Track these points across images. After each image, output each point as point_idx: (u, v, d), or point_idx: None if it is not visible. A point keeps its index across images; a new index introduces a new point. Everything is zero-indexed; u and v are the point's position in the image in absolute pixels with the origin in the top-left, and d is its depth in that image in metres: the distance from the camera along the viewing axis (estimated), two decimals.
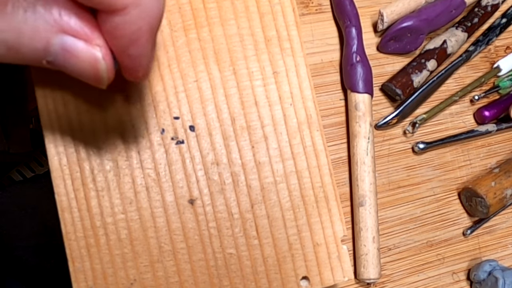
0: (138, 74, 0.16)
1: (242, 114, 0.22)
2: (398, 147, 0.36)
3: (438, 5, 0.35)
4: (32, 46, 0.14)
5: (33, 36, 0.14)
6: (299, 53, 0.23)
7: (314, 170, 0.23)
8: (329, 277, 0.22)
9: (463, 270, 0.36)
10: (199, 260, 0.21)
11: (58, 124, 0.20)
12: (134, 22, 0.14)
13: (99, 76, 0.15)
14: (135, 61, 0.15)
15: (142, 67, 0.16)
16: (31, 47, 0.14)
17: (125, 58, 0.15)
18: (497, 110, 0.38)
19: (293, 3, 0.23)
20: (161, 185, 0.21)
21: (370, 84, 0.34)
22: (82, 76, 0.15)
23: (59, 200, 0.20)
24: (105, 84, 0.16)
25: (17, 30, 0.14)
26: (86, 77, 0.15)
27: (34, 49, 0.15)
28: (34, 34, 0.14)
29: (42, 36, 0.14)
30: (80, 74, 0.15)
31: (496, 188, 0.35)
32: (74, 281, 0.19)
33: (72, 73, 0.15)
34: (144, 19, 0.14)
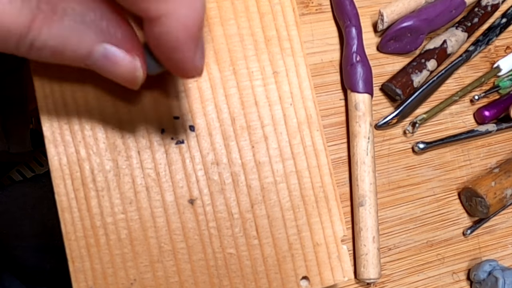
0: (188, 75, 0.17)
1: (242, 114, 0.22)
2: (398, 147, 0.36)
3: (438, 5, 0.35)
4: (75, 52, 0.15)
5: (78, 44, 0.15)
6: (299, 53, 0.23)
7: (314, 170, 0.23)
8: (329, 277, 0.22)
9: (463, 270, 0.36)
10: (199, 260, 0.21)
11: (58, 124, 0.20)
12: (171, 31, 0.15)
13: (135, 82, 0.17)
14: (181, 65, 0.16)
15: (189, 69, 0.16)
16: (74, 53, 0.15)
17: (172, 64, 0.16)
18: (497, 110, 0.38)
19: (293, 3, 0.23)
20: (161, 185, 0.21)
21: (370, 84, 0.34)
22: (117, 79, 0.17)
23: (59, 200, 0.20)
24: (138, 87, 0.17)
25: (65, 37, 0.15)
26: (122, 81, 0.17)
27: (77, 54, 0.15)
28: (80, 42, 0.15)
29: (87, 44, 0.15)
30: (116, 78, 0.17)
31: (496, 188, 0.35)
32: (74, 281, 0.19)
33: (107, 76, 0.17)
34: (179, 27, 0.15)
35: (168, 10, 0.14)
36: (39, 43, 0.15)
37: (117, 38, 0.16)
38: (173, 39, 0.15)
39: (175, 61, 0.16)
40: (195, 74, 0.17)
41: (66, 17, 0.15)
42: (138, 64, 0.16)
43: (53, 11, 0.14)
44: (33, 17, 0.14)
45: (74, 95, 0.20)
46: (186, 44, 0.15)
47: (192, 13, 0.15)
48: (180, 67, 0.16)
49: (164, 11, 0.14)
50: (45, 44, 0.15)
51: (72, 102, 0.20)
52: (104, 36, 0.15)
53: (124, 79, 0.17)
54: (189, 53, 0.16)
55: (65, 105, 0.20)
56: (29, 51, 0.15)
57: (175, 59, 0.16)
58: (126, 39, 0.16)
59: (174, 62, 0.16)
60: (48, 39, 0.15)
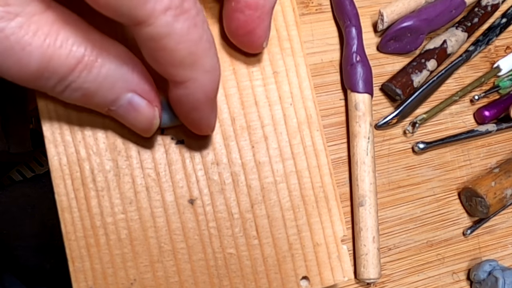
0: (202, 132, 0.20)
1: (242, 114, 0.22)
2: (398, 147, 0.36)
3: (438, 5, 0.35)
4: (105, 97, 0.17)
5: (109, 90, 0.17)
6: (299, 53, 0.23)
7: (314, 170, 0.23)
8: (329, 277, 0.22)
9: (463, 270, 0.36)
10: (199, 260, 0.21)
11: (58, 124, 0.20)
12: (193, 94, 0.17)
13: (151, 130, 0.19)
14: (198, 123, 0.19)
15: (204, 126, 0.19)
16: (104, 96, 0.17)
17: (189, 120, 0.19)
18: (497, 110, 0.38)
19: (293, 3, 0.23)
20: (161, 185, 0.21)
21: (370, 84, 0.34)
22: (133, 126, 0.19)
23: (59, 200, 0.20)
24: (150, 135, 0.19)
25: (99, 83, 0.16)
26: (137, 128, 0.19)
27: (105, 98, 0.17)
28: (111, 88, 0.17)
29: (117, 90, 0.17)
30: (134, 125, 0.18)
31: (496, 188, 0.35)
32: (74, 281, 0.19)
33: (126, 122, 0.18)
34: (201, 92, 0.17)
35: (193, 77, 0.16)
36: (75, 85, 0.16)
37: (142, 89, 0.17)
38: (194, 101, 0.17)
39: (192, 119, 0.18)
40: (209, 131, 0.20)
41: (105, 66, 0.16)
42: (157, 114, 0.18)
43: (96, 59, 0.16)
44: (78, 61, 0.16)
45: None
46: (204, 106, 0.18)
47: (212, 82, 0.17)
48: (196, 124, 0.19)
49: (190, 77, 0.16)
50: (81, 87, 0.16)
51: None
52: (132, 86, 0.17)
53: (141, 126, 0.18)
54: (206, 113, 0.18)
55: (65, 105, 0.20)
56: (63, 91, 0.16)
57: (192, 118, 0.18)
58: (149, 92, 0.18)
59: (191, 120, 0.19)
60: (85, 82, 0.16)
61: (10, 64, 0.15)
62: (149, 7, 0.14)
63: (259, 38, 0.20)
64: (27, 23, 0.15)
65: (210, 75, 0.17)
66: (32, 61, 0.15)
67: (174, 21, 0.15)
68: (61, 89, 0.16)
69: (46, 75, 0.16)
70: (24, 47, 0.15)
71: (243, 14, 0.19)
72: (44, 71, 0.15)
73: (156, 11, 0.15)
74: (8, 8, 0.14)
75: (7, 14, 0.14)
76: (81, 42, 0.16)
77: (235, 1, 0.19)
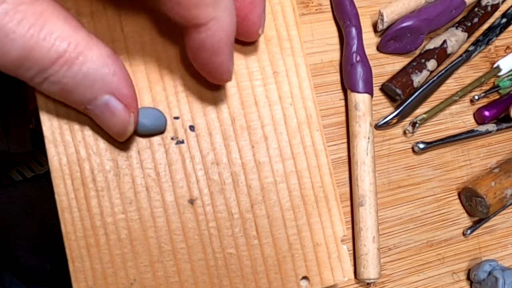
0: (222, 78, 0.19)
1: (242, 114, 0.22)
2: (398, 147, 0.36)
3: (438, 5, 0.35)
4: (82, 95, 0.17)
5: (88, 88, 0.17)
6: (299, 53, 0.23)
7: (314, 170, 0.23)
8: (329, 277, 0.22)
9: (463, 270, 0.36)
10: (199, 260, 0.21)
11: (58, 124, 0.20)
12: (216, 35, 0.17)
13: (124, 135, 0.19)
14: (219, 68, 0.19)
15: (225, 72, 0.19)
16: (81, 94, 0.17)
17: (211, 66, 0.18)
18: (497, 110, 0.38)
19: (293, 3, 0.23)
20: (161, 185, 0.21)
21: (370, 84, 0.34)
22: (108, 128, 0.19)
23: (59, 200, 0.20)
24: (123, 140, 0.19)
25: (78, 81, 0.17)
26: (111, 130, 0.19)
27: (83, 97, 0.17)
28: (90, 87, 0.17)
29: (95, 90, 0.17)
30: (107, 127, 0.18)
31: (496, 188, 0.35)
32: (74, 281, 0.19)
33: (100, 123, 0.18)
34: (223, 31, 0.17)
35: (216, 16, 0.17)
36: (54, 79, 0.16)
37: (120, 93, 0.18)
38: (217, 43, 0.17)
39: (214, 64, 0.18)
40: (228, 77, 0.19)
41: (86, 64, 0.16)
42: (132, 120, 0.18)
43: (78, 56, 0.16)
44: (60, 56, 0.16)
45: None
46: (226, 48, 0.18)
47: (232, 20, 0.17)
48: (218, 70, 0.19)
49: (212, 17, 0.16)
50: (59, 81, 0.16)
51: None
52: (111, 88, 0.17)
53: (115, 129, 0.18)
54: (227, 56, 0.18)
55: (65, 105, 0.20)
56: (41, 82, 0.17)
57: (215, 63, 0.18)
58: (127, 97, 0.18)
59: (213, 66, 0.18)
60: (64, 77, 0.16)
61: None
62: None
63: (253, 25, 0.20)
64: (13, 11, 0.15)
65: (229, 12, 0.17)
66: (13, 49, 0.15)
67: None
68: (40, 81, 0.17)
69: (27, 65, 0.16)
70: (7, 34, 0.15)
71: (236, 1, 0.19)
72: (25, 61, 0.16)
73: None
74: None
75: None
76: (66, 37, 0.16)
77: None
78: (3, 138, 0.51)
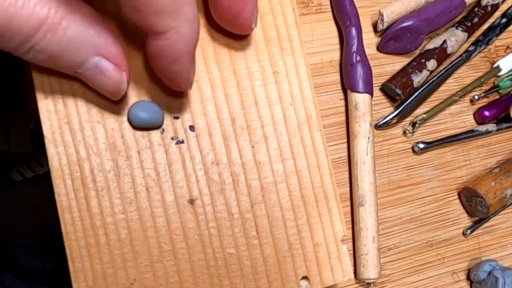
0: (180, 86, 0.19)
1: (242, 114, 0.22)
2: (398, 147, 0.36)
3: (438, 5, 0.35)
4: (71, 59, 0.17)
5: (75, 52, 0.17)
6: (299, 53, 0.23)
7: (314, 170, 0.23)
8: (329, 277, 0.22)
9: (463, 270, 0.36)
10: (199, 260, 0.21)
11: (58, 124, 0.20)
12: (175, 44, 0.17)
13: (118, 93, 0.19)
14: (177, 76, 0.18)
15: (183, 81, 0.19)
16: (69, 61, 0.17)
17: (169, 74, 0.18)
18: (497, 110, 0.38)
19: (293, 3, 0.23)
20: (161, 185, 0.21)
21: (370, 84, 0.34)
22: (101, 89, 0.18)
23: (59, 200, 0.20)
24: (118, 99, 0.19)
25: (64, 46, 0.16)
26: (105, 91, 0.19)
27: (71, 62, 0.17)
28: (77, 51, 0.17)
29: (83, 53, 0.17)
30: (101, 88, 0.18)
31: (496, 188, 0.35)
32: (74, 281, 0.19)
33: (93, 85, 0.18)
34: (182, 42, 0.17)
35: (176, 26, 0.16)
36: (40, 47, 0.16)
37: (109, 54, 0.17)
38: (176, 52, 0.17)
39: (172, 72, 0.18)
40: (187, 86, 0.19)
41: (70, 28, 0.16)
42: (124, 79, 0.18)
43: (60, 21, 0.16)
44: (42, 22, 0.15)
45: (74, 95, 0.20)
46: (185, 57, 0.17)
47: (193, 31, 0.17)
48: (176, 78, 0.18)
49: (172, 27, 0.16)
50: (45, 49, 0.16)
51: (72, 102, 0.20)
52: (99, 49, 0.17)
53: (109, 90, 0.18)
54: (186, 66, 0.18)
55: (65, 105, 0.20)
56: (27, 52, 0.16)
57: (173, 71, 0.18)
58: (117, 56, 0.18)
59: (171, 74, 0.18)
60: (49, 44, 0.16)
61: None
62: None
63: (246, 21, 0.20)
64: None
65: (192, 24, 0.17)
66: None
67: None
68: (25, 50, 0.16)
69: (8, 35, 0.15)
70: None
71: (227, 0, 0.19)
72: (6, 31, 0.15)
73: None
74: None
75: None
76: (45, 3, 0.15)
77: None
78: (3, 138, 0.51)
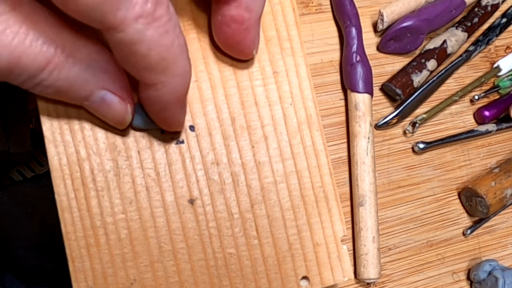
0: (171, 128, 0.20)
1: (242, 114, 0.22)
2: (398, 147, 0.36)
3: (438, 5, 0.35)
4: (77, 93, 0.17)
5: (82, 87, 0.17)
6: (299, 53, 0.23)
7: (314, 170, 0.23)
8: (329, 277, 0.22)
9: (463, 270, 0.36)
10: (199, 260, 0.21)
11: (58, 124, 0.20)
12: (163, 96, 0.17)
13: (123, 124, 0.19)
14: (167, 121, 0.19)
15: (173, 125, 0.20)
16: (76, 94, 0.17)
17: (159, 119, 0.19)
18: (497, 110, 0.38)
19: (293, 3, 0.23)
20: (161, 185, 0.21)
21: (370, 84, 0.34)
22: (106, 119, 0.19)
23: (59, 200, 0.20)
24: (124, 128, 0.20)
25: (71, 81, 0.17)
26: (111, 121, 0.19)
27: (78, 95, 0.17)
28: (83, 86, 0.17)
29: (89, 88, 0.17)
30: (106, 118, 0.19)
31: (496, 188, 0.35)
32: (74, 281, 0.19)
33: (98, 115, 0.19)
34: (170, 94, 0.17)
35: (164, 80, 0.17)
36: (47, 83, 0.16)
37: (114, 87, 0.18)
38: (163, 102, 0.18)
39: (162, 117, 0.19)
40: (178, 128, 0.20)
41: (76, 65, 0.16)
42: (129, 110, 0.19)
43: (67, 58, 0.16)
44: (49, 61, 0.16)
45: None
46: (174, 106, 0.18)
47: (182, 84, 0.17)
48: (166, 122, 0.19)
49: (160, 80, 0.17)
50: (52, 85, 0.16)
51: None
52: (104, 84, 0.18)
53: (114, 120, 0.19)
54: (175, 113, 0.19)
55: (65, 105, 0.20)
56: (35, 87, 0.17)
57: (162, 116, 0.19)
58: (121, 89, 0.18)
59: (161, 118, 0.19)
60: (57, 80, 0.16)
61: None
62: (121, 14, 0.14)
63: (247, 48, 0.21)
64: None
65: (180, 78, 0.17)
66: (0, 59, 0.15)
67: (145, 28, 0.15)
68: (32, 85, 0.16)
69: (16, 73, 0.16)
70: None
71: (229, 28, 0.20)
72: (14, 69, 0.15)
73: (128, 19, 0.15)
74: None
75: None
76: (52, 41, 0.16)
77: (221, 15, 0.19)
78: (3, 138, 0.51)
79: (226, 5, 0.19)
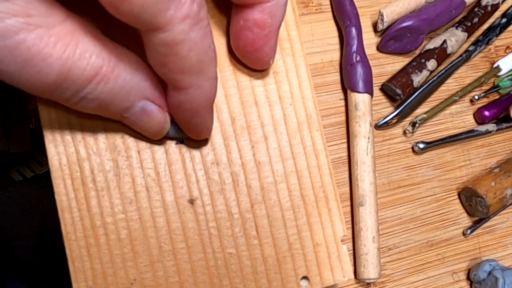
0: (201, 137, 0.20)
1: (242, 114, 0.22)
2: (398, 147, 0.36)
3: (438, 5, 0.35)
4: (119, 105, 0.17)
5: (125, 98, 0.17)
6: (299, 53, 0.23)
7: (314, 170, 0.23)
8: (329, 277, 0.22)
9: (463, 270, 0.36)
10: (199, 260, 0.21)
11: (58, 124, 0.20)
12: (195, 100, 0.17)
13: (161, 134, 0.19)
14: (197, 127, 0.19)
15: (203, 131, 0.20)
16: (118, 105, 0.17)
17: (189, 125, 0.19)
18: (497, 110, 0.38)
19: (293, 3, 0.23)
20: (161, 185, 0.21)
21: (370, 84, 0.34)
22: (145, 131, 0.19)
23: (59, 200, 0.20)
24: (159, 138, 0.20)
25: (115, 93, 0.17)
26: (149, 132, 0.19)
27: (120, 107, 0.17)
28: (127, 97, 0.17)
29: (132, 98, 0.17)
30: (144, 130, 0.19)
31: (496, 188, 0.35)
32: (74, 281, 0.19)
33: (138, 127, 0.19)
34: (202, 98, 0.17)
35: (197, 83, 0.17)
36: (92, 96, 0.16)
37: (153, 96, 0.18)
38: (195, 106, 0.18)
39: (192, 124, 0.19)
40: (207, 135, 0.20)
41: (121, 76, 0.16)
42: (168, 119, 0.19)
43: (113, 70, 0.16)
44: (96, 73, 0.16)
45: None
46: (204, 111, 0.18)
47: (213, 88, 0.18)
48: (196, 129, 0.19)
49: (194, 83, 0.17)
50: (97, 97, 0.16)
51: None
52: (146, 93, 0.18)
53: (153, 131, 0.19)
54: (205, 118, 0.19)
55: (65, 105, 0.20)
56: (79, 101, 0.17)
57: (193, 123, 0.19)
58: (160, 97, 0.18)
59: (191, 125, 0.19)
60: (102, 93, 0.16)
61: (29, 76, 0.15)
62: (169, 14, 0.15)
63: (266, 56, 0.21)
64: (48, 34, 0.15)
65: (212, 82, 0.17)
66: (51, 72, 0.15)
67: (190, 29, 0.15)
68: (77, 100, 0.16)
69: (64, 86, 0.16)
70: (45, 59, 0.15)
71: (251, 32, 0.20)
72: (62, 83, 0.15)
73: (176, 18, 0.15)
74: (29, 20, 0.14)
75: (27, 25, 0.14)
76: (99, 53, 0.16)
77: (243, 19, 0.19)
78: (3, 138, 0.51)
79: (250, 9, 0.19)
